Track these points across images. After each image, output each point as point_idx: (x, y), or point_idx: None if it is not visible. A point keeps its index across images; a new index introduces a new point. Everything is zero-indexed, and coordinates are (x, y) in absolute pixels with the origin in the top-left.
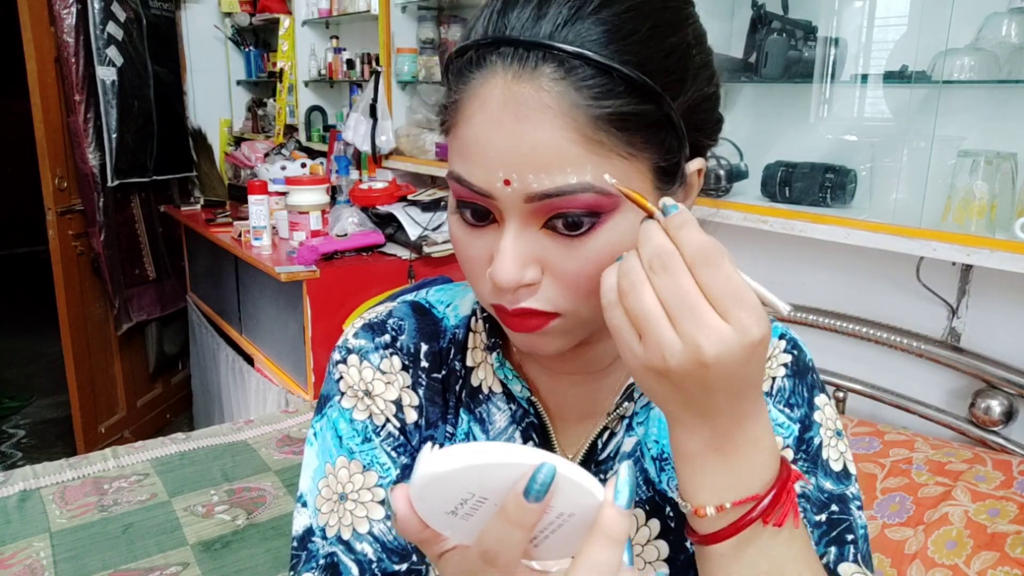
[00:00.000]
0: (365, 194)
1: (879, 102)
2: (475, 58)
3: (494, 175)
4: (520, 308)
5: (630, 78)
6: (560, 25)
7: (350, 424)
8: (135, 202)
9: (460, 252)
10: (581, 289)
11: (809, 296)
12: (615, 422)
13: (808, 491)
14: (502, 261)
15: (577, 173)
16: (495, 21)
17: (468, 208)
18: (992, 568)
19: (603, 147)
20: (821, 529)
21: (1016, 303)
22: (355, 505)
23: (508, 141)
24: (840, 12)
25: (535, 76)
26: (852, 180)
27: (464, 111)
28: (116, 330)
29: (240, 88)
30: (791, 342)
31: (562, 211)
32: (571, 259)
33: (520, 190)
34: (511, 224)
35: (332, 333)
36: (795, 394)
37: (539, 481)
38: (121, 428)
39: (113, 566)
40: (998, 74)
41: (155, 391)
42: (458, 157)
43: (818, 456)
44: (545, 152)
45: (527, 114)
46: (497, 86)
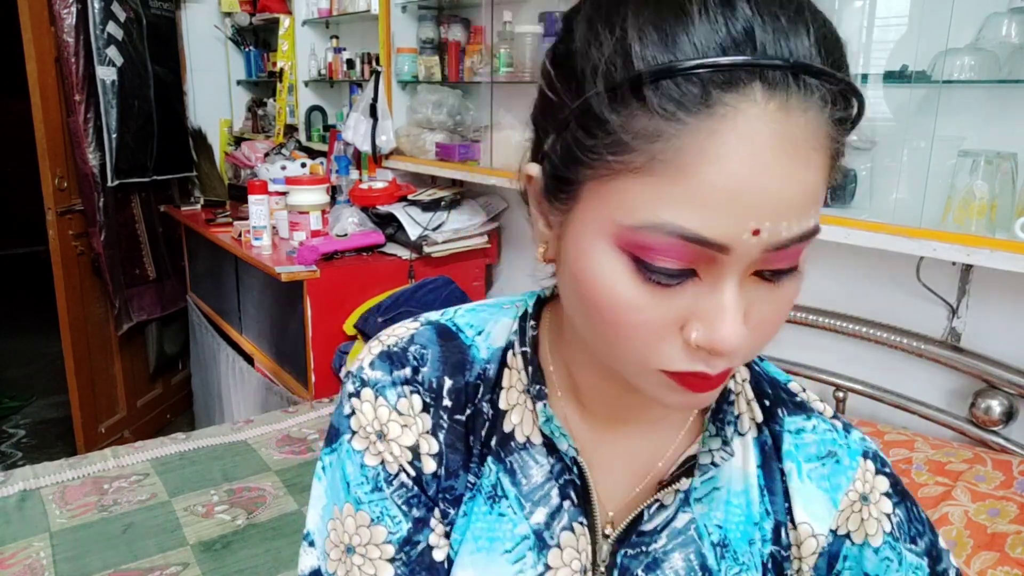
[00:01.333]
0: (365, 194)
1: (879, 102)
2: (719, 80)
3: (744, 225)
4: (724, 371)
5: (859, 98)
6: (811, 47)
7: (360, 469)
8: (135, 202)
9: (632, 316)
10: (768, 335)
11: (809, 296)
12: (667, 495)
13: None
14: (730, 324)
15: (815, 214)
16: (732, 34)
17: (659, 263)
18: (992, 568)
19: (831, 173)
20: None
21: (1016, 303)
22: (363, 560)
23: (777, 184)
24: (840, 12)
25: (803, 107)
26: (852, 180)
27: (703, 148)
28: (116, 330)
29: (240, 88)
30: (878, 459)
31: (785, 257)
32: (771, 304)
33: (768, 240)
34: (732, 279)
35: (332, 333)
36: (913, 522)
37: None
38: (121, 428)
39: (113, 566)
40: (998, 74)
41: (155, 391)
42: (678, 206)
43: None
44: (806, 195)
45: (798, 154)
46: (759, 118)
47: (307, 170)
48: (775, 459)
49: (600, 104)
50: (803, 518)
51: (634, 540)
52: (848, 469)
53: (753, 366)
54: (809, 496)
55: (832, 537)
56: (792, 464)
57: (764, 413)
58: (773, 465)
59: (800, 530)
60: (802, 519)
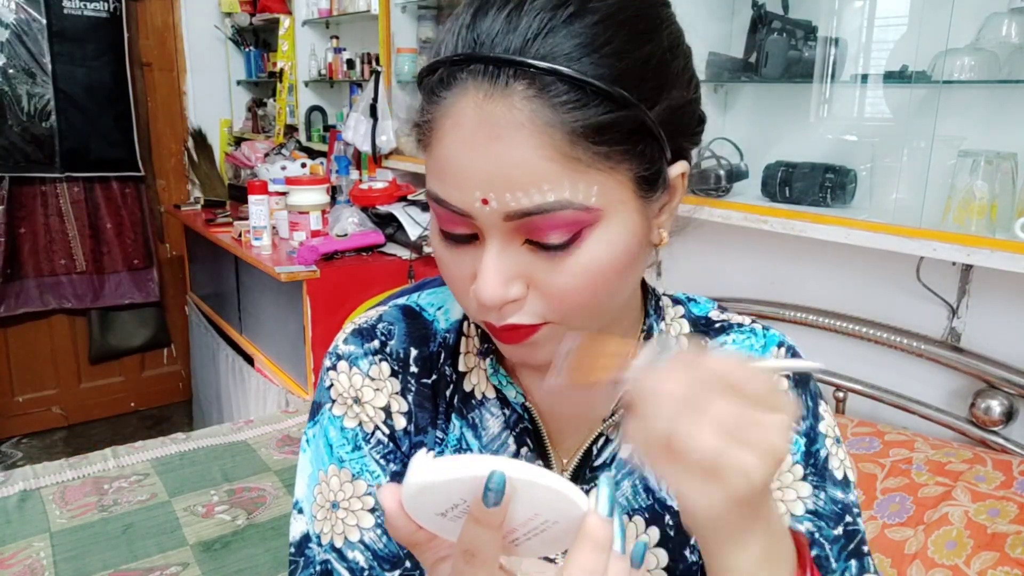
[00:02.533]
0: (365, 194)
1: (879, 102)
2: (446, 76)
3: (470, 195)
4: (507, 324)
5: (605, 91)
6: (531, 39)
7: (340, 432)
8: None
9: (443, 270)
10: (570, 302)
11: (809, 296)
12: (611, 429)
13: (820, 507)
14: (484, 280)
15: (555, 191)
16: (464, 36)
17: (446, 227)
18: (992, 568)
19: (580, 163)
20: (840, 543)
21: (1016, 303)
22: (346, 513)
23: (483, 161)
24: (840, 12)
25: (507, 94)
26: (852, 180)
27: (437, 131)
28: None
29: (240, 88)
30: (790, 350)
31: (541, 230)
32: (557, 275)
33: (498, 209)
34: (492, 242)
35: (332, 333)
36: (800, 406)
37: (491, 488)
38: (49, 403)
39: (113, 566)
40: (998, 74)
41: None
42: (434, 177)
43: (826, 468)
44: (521, 171)
45: (500, 134)
46: (469, 105)
47: (307, 170)
48: None
49: (419, 91)
50: None
51: (588, 476)
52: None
53: (682, 308)
54: None
55: None
56: None
57: (692, 344)
58: None
59: None
60: None
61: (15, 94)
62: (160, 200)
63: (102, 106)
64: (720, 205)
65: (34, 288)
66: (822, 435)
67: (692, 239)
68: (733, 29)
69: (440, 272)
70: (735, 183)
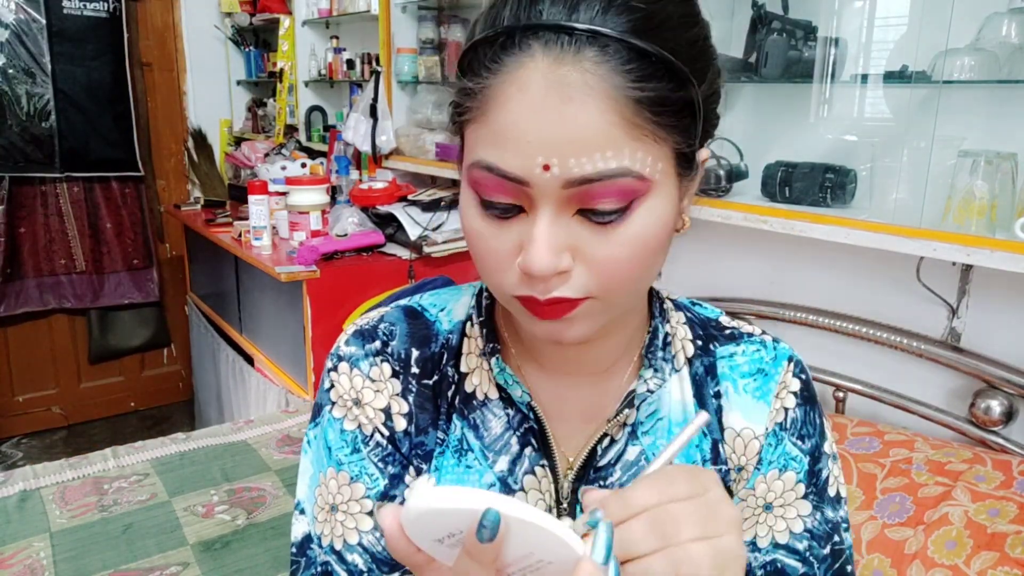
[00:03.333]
0: (365, 194)
1: (879, 102)
2: (509, 43)
3: (532, 160)
4: (552, 298)
5: (667, 62)
6: (597, 14)
7: (339, 435)
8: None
9: (480, 244)
10: (615, 275)
11: (809, 296)
12: (616, 429)
13: (815, 527)
14: (537, 249)
15: (616, 157)
16: (526, 8)
17: (490, 197)
18: (992, 568)
19: (640, 130)
20: (827, 563)
21: (1016, 303)
22: (345, 516)
23: (552, 124)
24: (840, 12)
25: (578, 59)
26: (852, 180)
27: (498, 97)
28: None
29: (240, 88)
30: (798, 365)
31: (598, 197)
32: (604, 246)
33: (560, 175)
34: (544, 211)
35: (332, 333)
36: (807, 423)
37: (485, 524)
38: (48, 403)
39: (113, 566)
40: (998, 74)
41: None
42: (487, 145)
43: (824, 487)
44: (589, 135)
45: (572, 96)
46: (538, 69)
47: (307, 170)
48: (708, 385)
49: (459, 66)
50: (744, 425)
51: (592, 476)
52: (775, 376)
53: (686, 311)
54: (747, 407)
55: (766, 432)
56: (728, 383)
57: (699, 349)
58: (706, 392)
59: (743, 435)
60: (744, 426)
61: (15, 94)
62: (160, 200)
63: (102, 106)
64: (720, 205)
65: (34, 288)
66: (826, 455)
67: (692, 239)
68: (733, 29)
69: (473, 247)
70: (735, 183)
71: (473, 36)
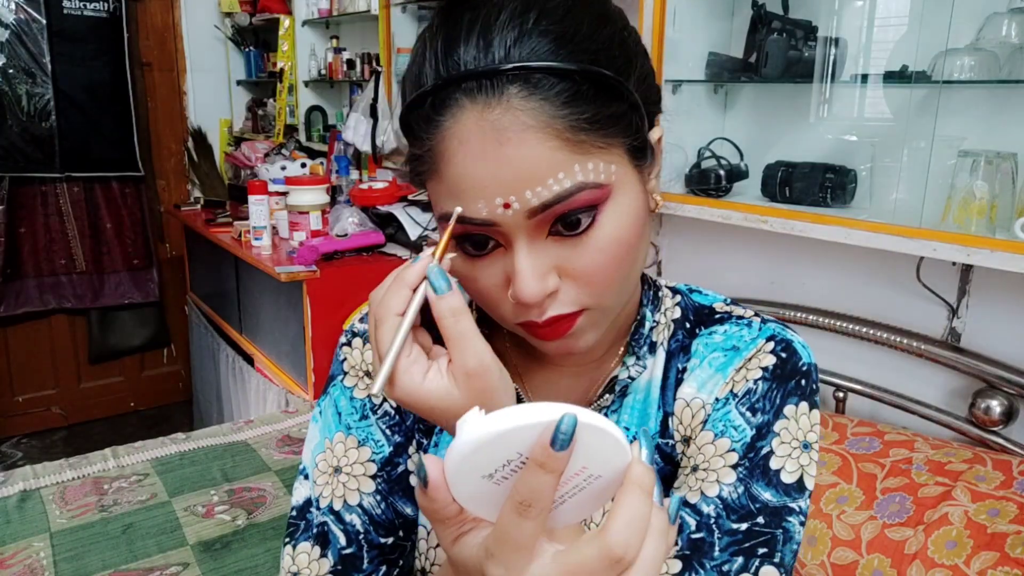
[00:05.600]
0: (365, 194)
1: (879, 102)
2: (437, 103)
3: (492, 203)
4: (550, 318)
5: (593, 74)
6: (510, 48)
7: (350, 401)
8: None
9: (469, 285)
10: (601, 281)
11: (809, 296)
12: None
13: (732, 499)
14: (523, 280)
15: (569, 176)
16: (443, 63)
17: (468, 241)
18: (992, 568)
19: (584, 145)
20: (734, 537)
21: (1016, 303)
22: (348, 478)
23: (496, 167)
24: (840, 12)
25: (504, 100)
26: (852, 180)
27: (443, 153)
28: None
29: (240, 88)
30: (781, 344)
31: (563, 214)
32: (583, 256)
33: (521, 209)
34: (520, 243)
35: (332, 333)
36: (765, 399)
37: (562, 431)
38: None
39: (113, 566)
40: (998, 74)
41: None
42: (448, 198)
43: (763, 465)
44: (535, 167)
45: (509, 137)
46: (470, 120)
47: (307, 170)
48: (678, 361)
49: (403, 132)
50: (695, 394)
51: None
52: (745, 352)
53: (683, 297)
54: (703, 378)
55: (715, 401)
56: (696, 359)
57: (685, 332)
58: (673, 365)
59: (692, 405)
60: (694, 395)
61: (15, 94)
62: (160, 200)
63: (102, 106)
64: (720, 205)
65: (34, 288)
66: (774, 434)
67: (692, 239)
68: (733, 29)
69: (465, 287)
70: (735, 183)
71: (404, 99)
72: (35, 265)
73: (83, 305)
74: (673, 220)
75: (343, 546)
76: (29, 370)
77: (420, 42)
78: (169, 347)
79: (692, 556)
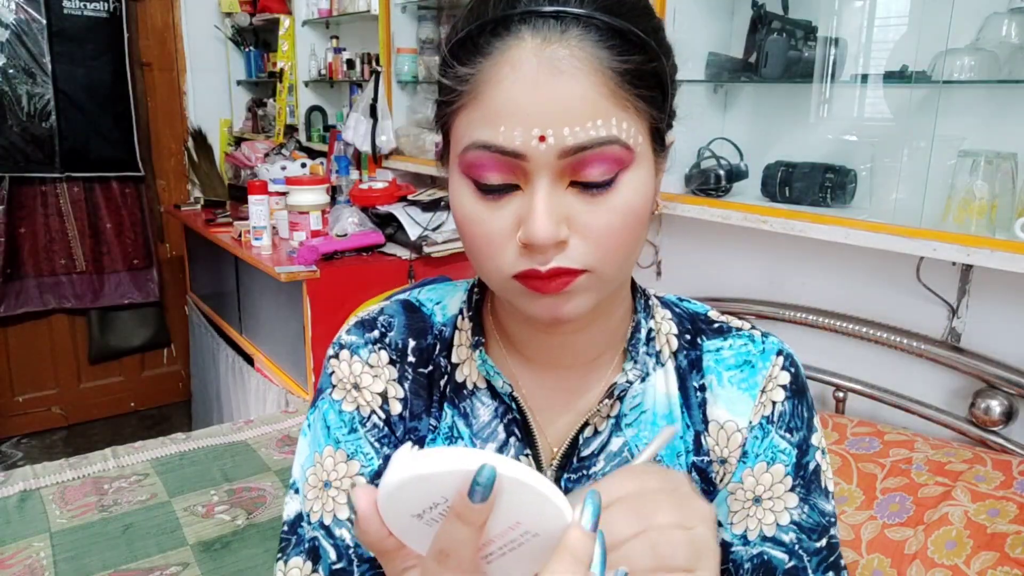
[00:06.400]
0: (365, 194)
1: (879, 102)
2: (500, 30)
3: (528, 133)
4: (553, 268)
5: (645, 41)
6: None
7: (338, 415)
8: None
9: (476, 228)
10: (609, 243)
11: (809, 296)
12: (599, 420)
13: (803, 519)
14: (537, 219)
15: (605, 125)
16: (511, 2)
17: (486, 175)
18: (992, 568)
19: (623, 100)
20: (820, 555)
21: (1016, 303)
22: (337, 492)
23: (545, 97)
24: (840, 12)
25: (564, 38)
26: (852, 180)
27: (491, 79)
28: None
29: (240, 88)
30: (788, 358)
31: (589, 164)
32: (597, 215)
33: (555, 145)
34: (541, 183)
35: (332, 333)
36: (795, 417)
37: (480, 482)
38: (48, 403)
39: (113, 566)
40: (998, 74)
41: (114, 377)
42: (482, 126)
43: (815, 479)
44: (580, 104)
45: (563, 69)
46: (528, 49)
47: (307, 170)
48: (692, 378)
49: (440, 69)
50: (728, 417)
51: (575, 465)
52: (763, 369)
53: (674, 307)
54: (731, 399)
55: (751, 427)
56: (712, 376)
57: (685, 343)
58: (689, 384)
59: (726, 428)
60: (727, 418)
61: (15, 94)
62: (160, 200)
63: (102, 106)
64: (720, 205)
65: (34, 288)
66: (814, 447)
67: (692, 239)
68: (733, 29)
69: (469, 233)
70: (735, 183)
71: (459, 30)
72: (35, 265)
73: (83, 305)
74: (673, 220)
75: (333, 561)
76: (29, 370)
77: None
78: (169, 347)
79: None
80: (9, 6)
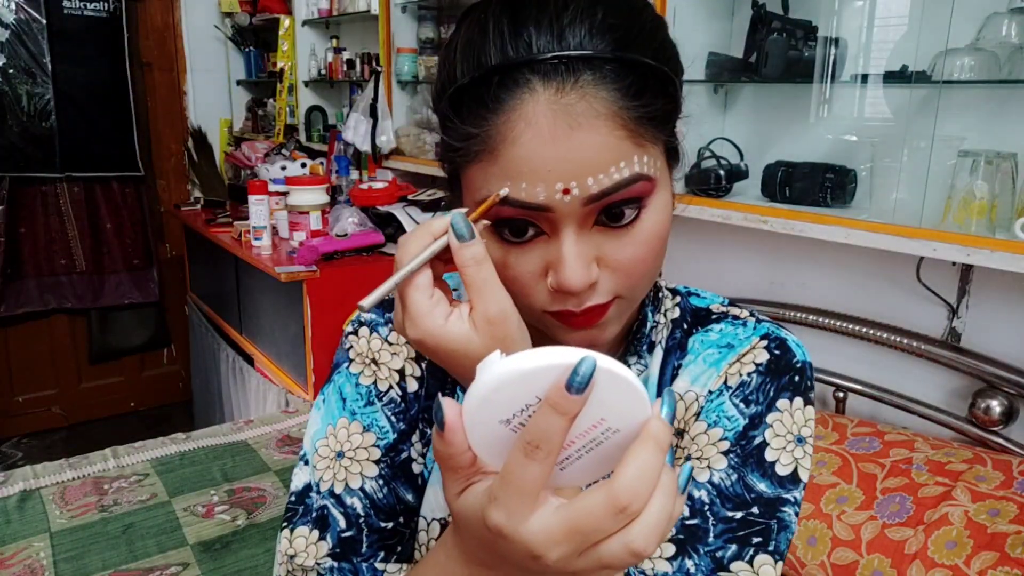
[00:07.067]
0: (365, 194)
1: (879, 102)
2: (508, 82)
3: (551, 188)
4: (587, 308)
5: (657, 72)
6: (583, 38)
7: (355, 388)
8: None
9: (501, 273)
10: (636, 271)
11: (809, 296)
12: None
13: (725, 486)
14: (570, 268)
15: (628, 166)
16: (511, 44)
17: (508, 227)
18: (992, 568)
19: (641, 137)
20: (728, 525)
21: (1016, 303)
22: (350, 462)
23: (565, 151)
24: (840, 12)
25: (577, 86)
26: (852, 180)
27: (505, 135)
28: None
29: (240, 88)
30: (776, 341)
31: (614, 203)
32: (625, 248)
33: (580, 195)
34: (569, 230)
35: (332, 333)
36: (758, 391)
37: (580, 373)
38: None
39: (113, 566)
40: (998, 74)
41: (113, 378)
42: (501, 180)
43: (756, 455)
44: (601, 153)
45: (580, 122)
46: (541, 102)
47: (307, 170)
48: (675, 357)
49: (450, 110)
50: (688, 387)
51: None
52: (740, 348)
53: (682, 298)
54: (697, 372)
55: (708, 394)
56: (692, 356)
57: (684, 334)
58: (669, 362)
59: (685, 398)
60: (687, 388)
61: (15, 94)
62: (160, 200)
63: (102, 106)
64: (720, 205)
65: (34, 288)
66: (766, 425)
67: (692, 239)
68: (733, 29)
69: (501, 275)
70: (735, 183)
71: (455, 79)
72: (35, 265)
73: (83, 305)
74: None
75: (343, 529)
76: (29, 370)
77: (475, 23)
78: (169, 347)
79: (686, 541)
80: (9, 6)
